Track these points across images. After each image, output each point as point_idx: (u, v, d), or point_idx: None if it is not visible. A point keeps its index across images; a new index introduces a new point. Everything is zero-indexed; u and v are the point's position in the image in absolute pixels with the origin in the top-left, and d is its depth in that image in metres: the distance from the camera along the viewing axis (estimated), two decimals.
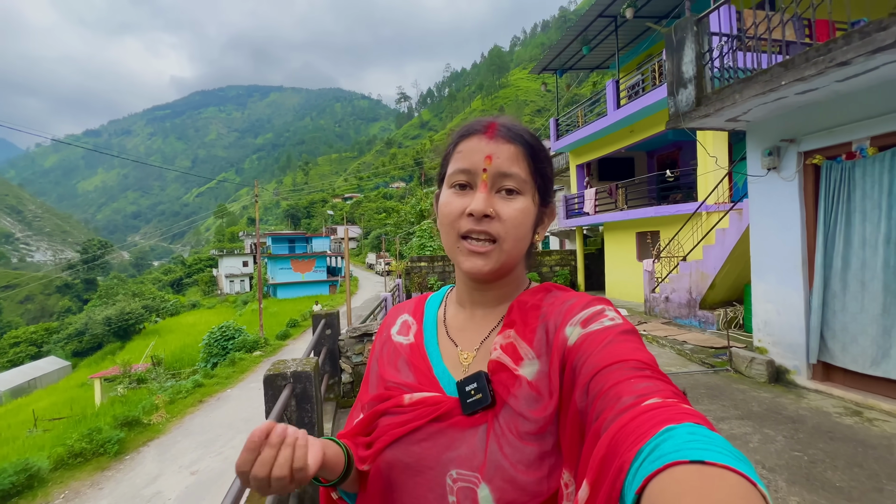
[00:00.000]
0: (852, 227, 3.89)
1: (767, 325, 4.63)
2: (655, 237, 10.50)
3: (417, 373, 0.64)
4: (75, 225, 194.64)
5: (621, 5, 9.69)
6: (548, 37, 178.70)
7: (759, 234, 4.73)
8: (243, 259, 54.16)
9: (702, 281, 7.69)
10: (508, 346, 0.59)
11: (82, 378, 28.68)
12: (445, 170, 0.64)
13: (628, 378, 0.43)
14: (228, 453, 9.97)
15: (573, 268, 15.25)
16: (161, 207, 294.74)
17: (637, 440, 0.34)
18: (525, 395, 0.55)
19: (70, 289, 75.90)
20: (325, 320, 3.96)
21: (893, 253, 3.59)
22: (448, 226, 0.60)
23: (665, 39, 4.68)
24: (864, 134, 3.69)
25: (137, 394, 16.84)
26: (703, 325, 7.58)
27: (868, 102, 3.61)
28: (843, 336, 4.00)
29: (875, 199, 3.67)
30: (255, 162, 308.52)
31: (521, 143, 0.60)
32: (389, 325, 0.73)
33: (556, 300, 0.61)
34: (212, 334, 19.80)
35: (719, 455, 0.29)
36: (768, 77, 3.58)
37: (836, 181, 3.93)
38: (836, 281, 4.01)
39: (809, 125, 4.09)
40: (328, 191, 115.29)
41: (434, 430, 0.57)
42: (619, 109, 10.59)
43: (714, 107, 4.14)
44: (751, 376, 4.61)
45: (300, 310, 29.94)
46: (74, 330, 39.76)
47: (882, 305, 3.67)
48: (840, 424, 3.37)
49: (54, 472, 9.07)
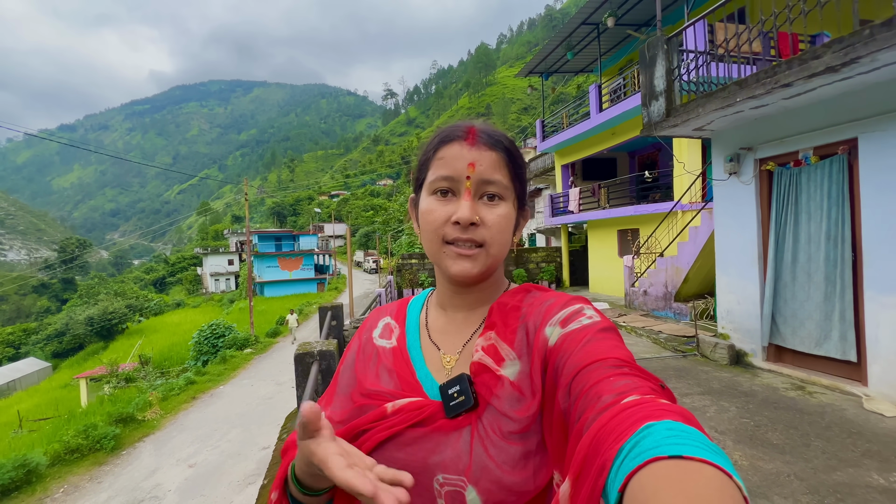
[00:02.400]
0: (800, 225, 4.41)
1: (729, 313, 5.17)
2: (635, 234, 11.08)
3: (400, 378, 0.63)
4: (51, 223, 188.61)
5: (603, 14, 10.19)
6: (534, 35, 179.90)
7: (722, 232, 5.26)
8: (228, 257, 53.60)
9: (676, 275, 8.25)
10: (490, 347, 0.59)
11: (65, 379, 28.22)
12: (424, 175, 0.63)
13: (607, 377, 0.44)
14: (225, 446, 10.20)
15: (558, 264, 15.79)
16: (141, 205, 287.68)
17: (618, 438, 0.34)
18: (508, 396, 0.55)
19: (47, 289, 73.88)
20: (331, 312, 4.32)
21: (833, 248, 4.12)
22: (432, 232, 0.60)
23: (639, 55, 5.14)
24: (808, 144, 4.21)
25: (126, 393, 16.78)
26: (678, 316, 8.14)
27: (811, 117, 4.13)
28: (792, 321, 4.54)
29: (818, 201, 4.20)
30: (239, 158, 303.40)
31: (501, 149, 0.61)
32: (371, 328, 0.72)
33: (536, 300, 0.61)
34: (201, 332, 19.81)
35: (696, 449, 0.30)
36: (726, 94, 4.07)
37: (785, 185, 4.45)
38: (788, 273, 4.54)
39: (764, 135, 4.61)
40: (314, 188, 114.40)
41: (418, 435, 0.57)
42: (602, 113, 11.11)
43: (681, 118, 4.63)
44: (715, 359, 5.14)
45: (288, 308, 29.98)
46: (54, 330, 38.92)
47: (824, 294, 4.20)
48: (785, 397, 3.89)
49: (52, 468, 9.19)
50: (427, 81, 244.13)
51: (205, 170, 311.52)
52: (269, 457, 9.21)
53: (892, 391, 3.59)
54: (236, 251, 53.67)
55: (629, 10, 10.08)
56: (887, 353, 3.64)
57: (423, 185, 0.63)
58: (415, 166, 0.68)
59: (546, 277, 15.37)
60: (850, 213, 3.94)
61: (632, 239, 11.05)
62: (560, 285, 15.34)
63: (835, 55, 3.16)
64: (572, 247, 15.77)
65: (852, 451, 2.88)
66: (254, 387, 14.33)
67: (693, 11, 8.29)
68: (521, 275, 15.27)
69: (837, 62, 3.15)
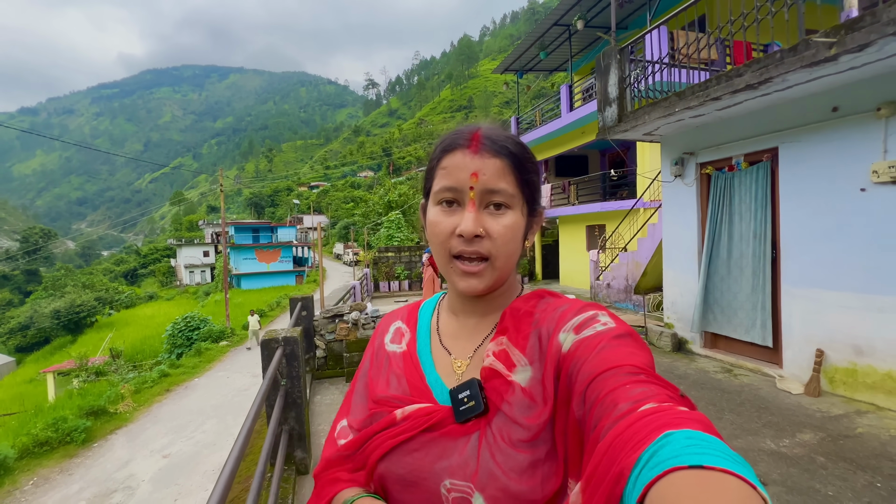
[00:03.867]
0: (733, 224, 4.87)
1: (674, 304, 5.63)
2: (602, 230, 11.58)
3: (409, 383, 0.63)
4: (11, 211, 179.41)
5: (573, 16, 10.54)
6: (517, 28, 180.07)
7: (668, 230, 5.70)
8: (204, 249, 52.47)
9: (636, 269, 8.76)
10: (501, 352, 0.58)
11: (30, 374, 27.35)
12: (431, 184, 0.62)
13: (623, 384, 0.43)
14: (200, 437, 10.29)
15: (531, 258, 16.27)
16: (110, 193, 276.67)
17: (635, 447, 0.34)
18: (519, 402, 0.54)
19: (9, 280, 70.66)
20: (301, 303, 4.55)
21: (759, 245, 4.58)
22: (439, 245, 0.60)
23: (595, 63, 5.49)
24: (740, 151, 4.65)
25: (96, 387, 16.50)
26: (637, 308, 8.66)
27: (742, 127, 4.56)
28: (728, 311, 5.01)
29: (747, 203, 4.65)
30: (215, 147, 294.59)
31: (506, 155, 0.59)
32: (383, 333, 0.73)
33: (549, 307, 0.60)
34: (175, 325, 19.58)
35: (718, 459, 0.30)
36: (667, 104, 4.45)
37: (721, 188, 4.89)
38: (724, 268, 5.00)
39: (704, 142, 5.03)
40: (294, 179, 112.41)
41: (426, 440, 0.57)
42: (571, 112, 11.51)
43: (631, 124, 5.01)
44: (660, 346, 5.60)
45: (266, 300, 29.70)
46: (17, 324, 37.46)
47: (752, 286, 4.67)
48: (713, 378, 4.35)
49: (20, 461, 9.12)
50: (409, 72, 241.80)
51: (178, 158, 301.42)
52: None
53: (801, 372, 4.07)
54: (212, 242, 52.56)
55: (598, 13, 10.46)
56: (798, 339, 4.12)
57: (429, 193, 0.63)
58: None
59: (520, 271, 15.78)
60: (771, 214, 4.40)
61: (599, 234, 11.55)
62: (533, 278, 15.83)
63: (752, 74, 3.55)
64: (545, 241, 16.26)
65: (756, 423, 3.32)
66: (230, 378, 14.34)
67: (655, 18, 8.71)
68: None
69: (755, 80, 3.55)
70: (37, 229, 73.38)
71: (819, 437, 3.08)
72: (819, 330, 3.95)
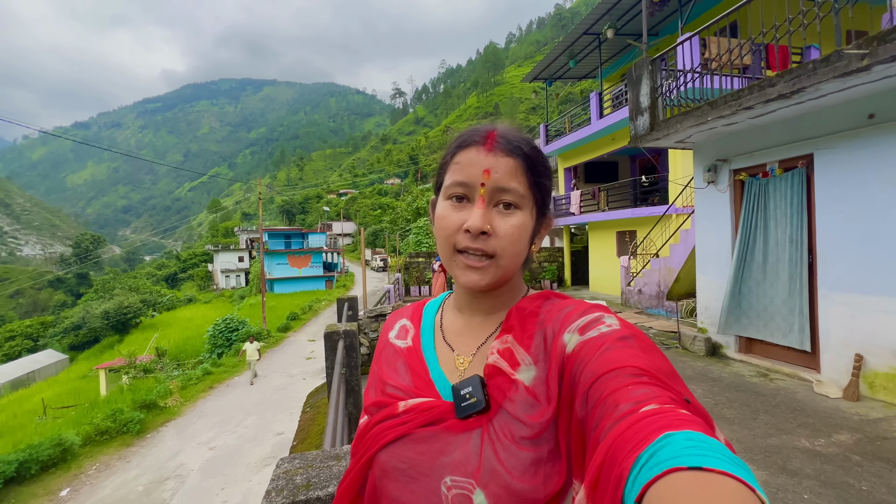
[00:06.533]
0: (769, 230, 4.90)
1: (707, 309, 5.67)
2: (633, 236, 11.55)
3: (414, 375, 0.64)
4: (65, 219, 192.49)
5: (604, 25, 10.67)
6: (543, 34, 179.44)
7: (701, 236, 5.76)
8: (239, 254, 54.64)
9: (668, 275, 8.74)
10: (505, 351, 0.59)
11: (82, 370, 29.16)
12: (442, 179, 0.63)
13: (626, 385, 0.43)
14: (242, 432, 10.87)
15: (560, 264, 16.28)
16: (152, 202, 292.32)
17: (635, 447, 0.34)
18: (522, 400, 0.54)
19: (63, 283, 75.71)
20: (347, 303, 4.90)
21: (795, 251, 4.61)
22: (445, 239, 0.61)
23: (626, 74, 5.65)
24: (774, 158, 4.71)
25: (144, 383, 17.58)
26: (669, 313, 8.63)
27: (776, 134, 4.63)
28: (764, 316, 5.03)
29: (782, 208, 4.69)
30: (249, 157, 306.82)
31: (520, 155, 0.60)
32: (388, 329, 0.74)
33: (555, 307, 0.61)
34: (216, 326, 20.59)
35: (717, 461, 0.30)
36: (699, 113, 4.58)
37: (755, 194, 4.95)
38: (759, 272, 5.03)
39: (737, 149, 5.10)
40: (323, 186, 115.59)
41: (427, 434, 0.57)
42: (601, 119, 11.59)
43: (663, 132, 5.14)
44: (694, 351, 5.64)
45: (298, 304, 30.73)
46: (71, 324, 39.97)
47: (788, 291, 4.69)
48: (748, 382, 4.40)
49: (84, 448, 9.93)
50: (435, 81, 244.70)
51: (215, 167, 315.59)
52: (283, 442, 9.86)
53: (838, 377, 4.08)
54: (246, 248, 54.71)
55: (628, 21, 10.55)
56: (836, 344, 4.13)
57: (440, 187, 0.64)
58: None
59: (548, 276, 15.87)
60: (807, 219, 4.43)
61: (629, 240, 11.52)
62: (562, 284, 15.83)
63: (785, 84, 3.66)
64: (574, 247, 16.25)
65: (791, 423, 3.39)
66: (267, 378, 15.02)
67: (687, 25, 8.75)
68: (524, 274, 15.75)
69: (788, 90, 3.66)
70: (87, 235, 78.37)
71: (856, 437, 3.13)
72: (857, 334, 3.96)
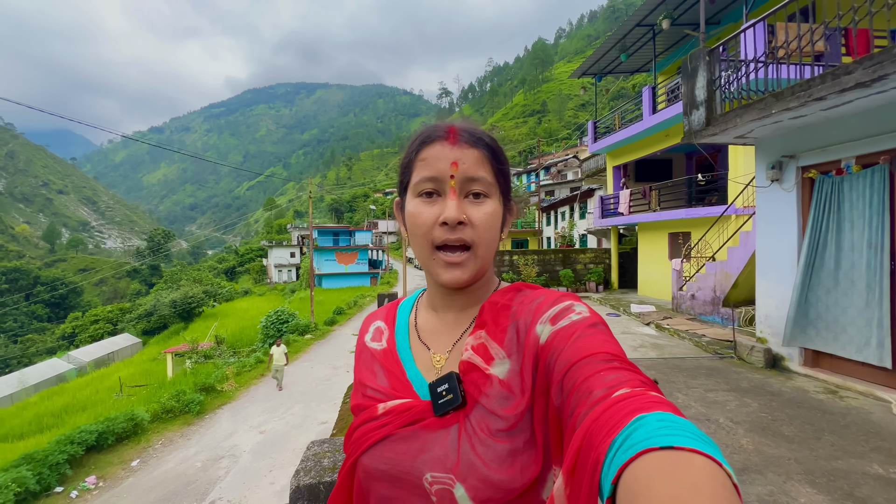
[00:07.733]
0: (843, 233, 4.45)
1: (768, 318, 5.23)
2: (686, 238, 10.89)
3: (391, 377, 0.65)
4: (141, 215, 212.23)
5: (658, 15, 10.14)
6: (595, 28, 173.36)
7: (763, 238, 5.32)
8: (290, 250, 57.49)
9: (725, 280, 8.16)
10: (479, 346, 0.60)
11: (153, 353, 31.94)
12: (408, 178, 0.63)
13: (598, 371, 0.44)
14: (289, 419, 11.44)
15: (607, 266, 15.69)
16: (215, 200, 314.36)
17: (609, 432, 0.35)
18: (496, 394, 0.55)
19: (138, 273, 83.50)
20: (388, 298, 5.01)
21: (874, 256, 4.15)
22: (421, 236, 0.61)
23: (681, 66, 5.34)
24: (850, 153, 4.26)
25: (204, 368, 18.96)
26: (725, 321, 8.06)
27: (853, 126, 4.18)
28: (835, 327, 4.57)
29: (860, 209, 4.24)
30: (301, 157, 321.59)
31: (483, 146, 0.61)
32: (364, 332, 0.74)
33: (526, 298, 0.62)
34: (268, 317, 21.80)
35: (687, 439, 0.31)
36: (762, 106, 4.23)
37: (827, 193, 4.50)
38: (830, 279, 4.58)
39: (806, 144, 4.67)
40: (370, 186, 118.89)
41: (407, 434, 0.58)
42: (655, 115, 11.02)
43: (720, 127, 4.80)
44: (751, 362, 5.23)
45: (345, 299, 31.85)
46: (144, 311, 43.86)
47: (865, 301, 4.24)
48: (812, 399, 4.02)
49: (152, 424, 10.89)
50: (482, 79, 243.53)
51: (271, 168, 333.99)
52: (326, 430, 10.27)
53: None
54: (298, 244, 57.44)
55: (685, 10, 9.95)
56: None
57: (407, 187, 0.64)
58: (397, 169, 0.68)
59: (593, 279, 15.34)
60: (889, 222, 3.97)
61: (683, 242, 10.88)
62: (608, 287, 15.25)
63: (864, 71, 3.30)
64: (623, 248, 15.60)
65: (862, 447, 3.06)
66: (313, 369, 15.70)
67: (752, 12, 8.11)
68: (567, 275, 15.36)
69: (867, 78, 3.29)
70: (160, 230, 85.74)
71: None
72: None
